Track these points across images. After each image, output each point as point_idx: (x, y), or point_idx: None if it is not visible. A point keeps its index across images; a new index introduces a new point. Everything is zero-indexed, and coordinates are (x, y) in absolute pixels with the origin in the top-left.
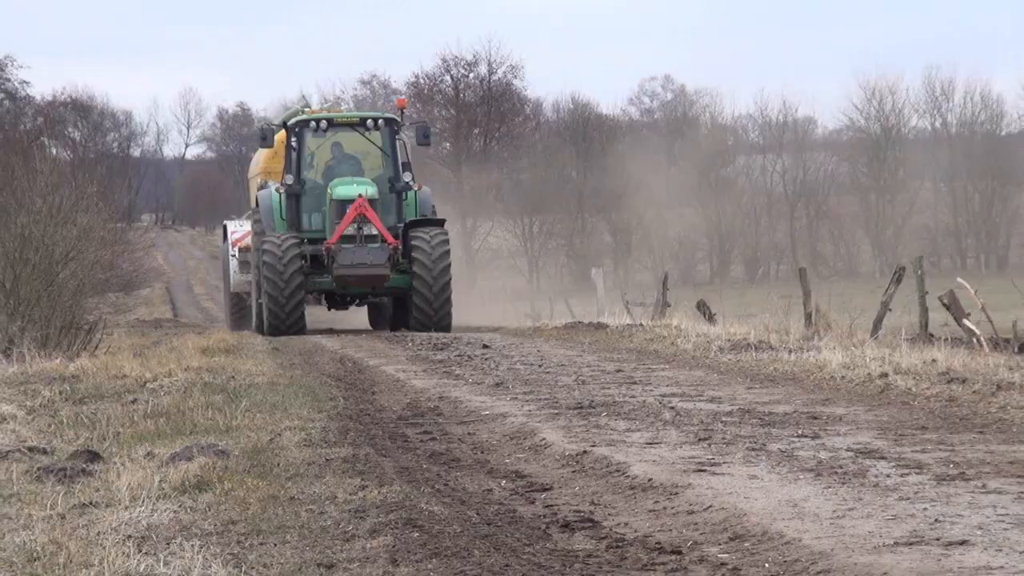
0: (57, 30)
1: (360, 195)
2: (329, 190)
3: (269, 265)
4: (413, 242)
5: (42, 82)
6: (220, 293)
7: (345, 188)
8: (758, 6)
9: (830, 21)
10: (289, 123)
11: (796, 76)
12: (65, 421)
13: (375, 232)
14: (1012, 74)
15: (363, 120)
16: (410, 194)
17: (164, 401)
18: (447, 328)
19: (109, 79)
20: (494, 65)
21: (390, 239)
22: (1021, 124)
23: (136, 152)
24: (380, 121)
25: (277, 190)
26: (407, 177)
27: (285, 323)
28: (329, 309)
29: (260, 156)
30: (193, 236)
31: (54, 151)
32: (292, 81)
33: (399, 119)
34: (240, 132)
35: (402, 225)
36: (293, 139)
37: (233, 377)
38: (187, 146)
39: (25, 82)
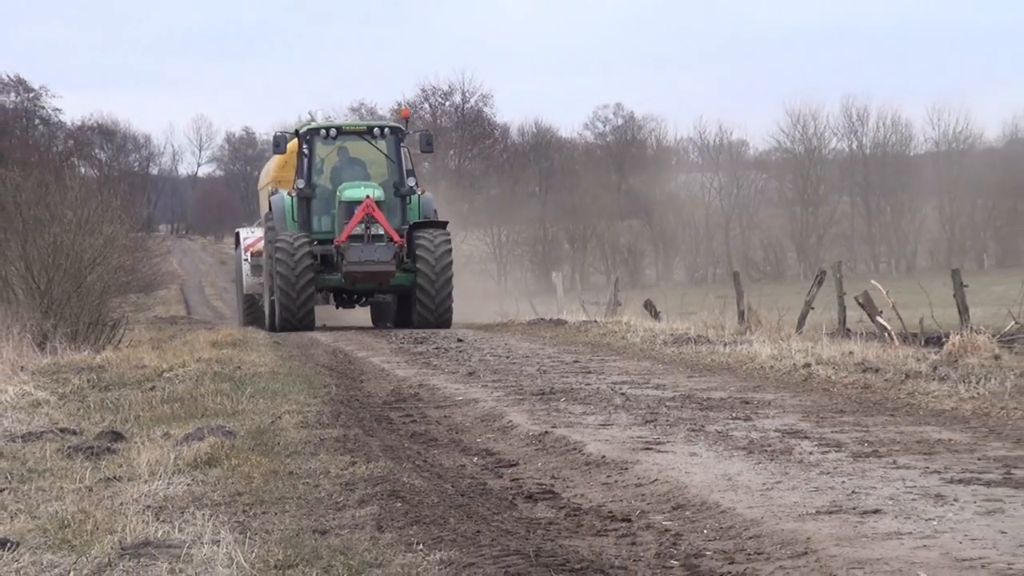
0: (85, 64)
1: (368, 196)
2: (338, 193)
3: (282, 262)
4: (417, 242)
5: (72, 110)
6: (228, 294)
7: (353, 191)
8: (698, 42)
9: (760, 55)
10: (301, 131)
11: (730, 104)
12: (92, 406)
13: (382, 232)
14: (920, 101)
15: (370, 128)
16: (413, 198)
17: (179, 388)
18: (447, 324)
19: (131, 107)
20: (467, 94)
21: (396, 238)
22: (927, 146)
23: (154, 170)
24: (386, 129)
25: (289, 194)
26: (411, 182)
27: (296, 318)
28: (337, 307)
29: (270, 167)
30: (204, 244)
31: (83, 170)
32: (291, 108)
33: (403, 127)
34: (245, 153)
35: (406, 227)
36: (304, 146)
37: (239, 367)
38: (199, 165)
39: (57, 110)
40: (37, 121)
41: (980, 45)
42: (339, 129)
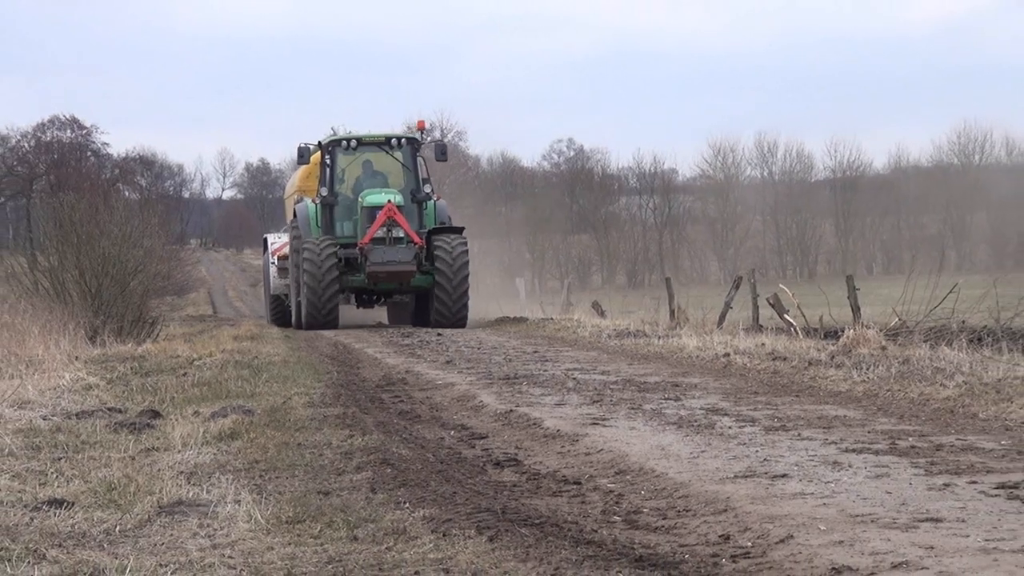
0: (129, 105)
1: (389, 200)
2: (360, 199)
3: (308, 266)
4: (435, 247)
5: (118, 144)
6: (247, 296)
7: (375, 196)
8: (636, 86)
9: (687, 97)
10: (324, 143)
11: (663, 137)
12: (134, 389)
13: (402, 234)
14: (820, 136)
15: (388, 139)
16: (429, 204)
17: (206, 374)
18: (463, 323)
19: (167, 141)
20: (445, 130)
21: (416, 239)
22: (825, 173)
23: (186, 194)
24: (403, 140)
25: (313, 202)
26: (427, 189)
27: (321, 317)
28: (358, 307)
29: (295, 177)
30: (228, 255)
31: (126, 193)
32: (299, 141)
33: (420, 138)
34: (261, 179)
35: (424, 231)
36: (327, 157)
37: (256, 357)
38: (223, 190)
39: (105, 143)
40: (89, 153)
41: (870, 89)
42: (359, 140)
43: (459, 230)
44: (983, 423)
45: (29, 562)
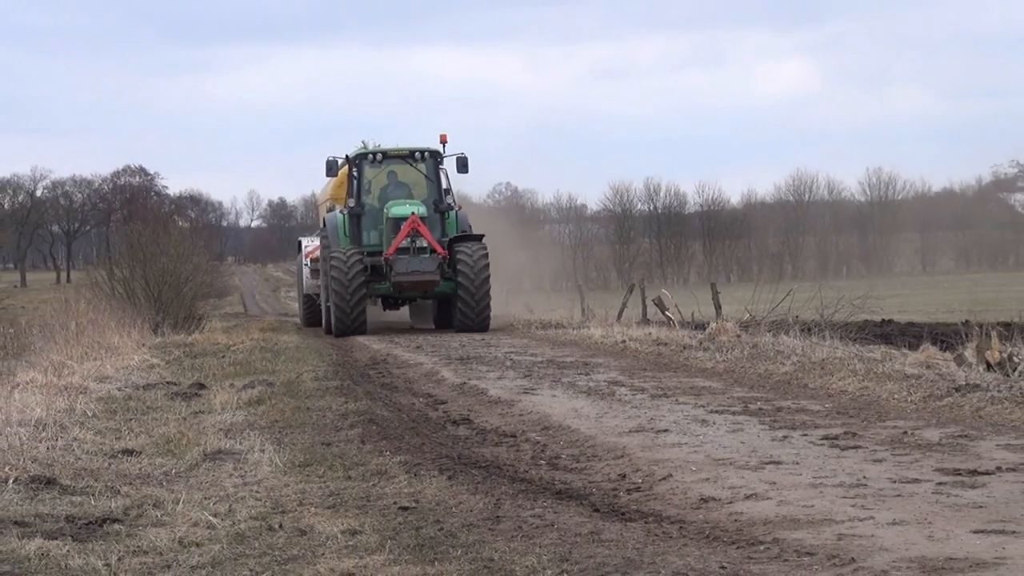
0: (182, 157)
1: (413, 212)
2: (385, 210)
3: (336, 275)
4: (458, 255)
5: (174, 185)
6: (270, 299)
7: (400, 208)
8: (556, 142)
9: (594, 151)
10: (351, 156)
11: (576, 180)
12: (186, 367)
13: (426, 245)
14: (691, 179)
15: (412, 152)
16: (451, 214)
17: (239, 356)
18: (486, 327)
19: (209, 183)
20: None
21: (439, 250)
22: (696, 207)
23: (224, 223)
24: (426, 153)
25: (341, 212)
26: (449, 200)
27: (350, 324)
28: (384, 310)
29: (328, 187)
30: (255, 268)
31: (180, 223)
32: (310, 184)
33: (442, 151)
34: (280, 213)
35: (446, 239)
36: (354, 169)
37: (276, 344)
38: (251, 220)
39: (165, 186)
40: (152, 193)
41: (728, 146)
42: (385, 154)
43: (479, 238)
44: (812, 391)
45: (107, 496)
